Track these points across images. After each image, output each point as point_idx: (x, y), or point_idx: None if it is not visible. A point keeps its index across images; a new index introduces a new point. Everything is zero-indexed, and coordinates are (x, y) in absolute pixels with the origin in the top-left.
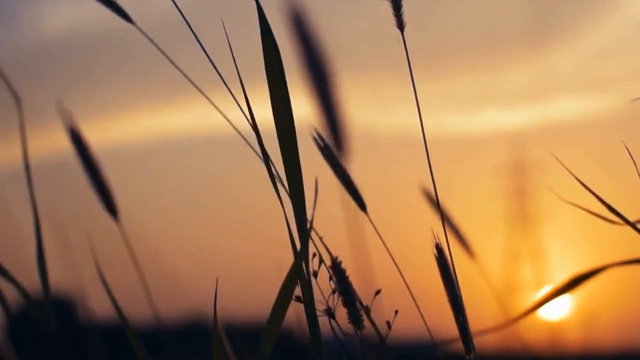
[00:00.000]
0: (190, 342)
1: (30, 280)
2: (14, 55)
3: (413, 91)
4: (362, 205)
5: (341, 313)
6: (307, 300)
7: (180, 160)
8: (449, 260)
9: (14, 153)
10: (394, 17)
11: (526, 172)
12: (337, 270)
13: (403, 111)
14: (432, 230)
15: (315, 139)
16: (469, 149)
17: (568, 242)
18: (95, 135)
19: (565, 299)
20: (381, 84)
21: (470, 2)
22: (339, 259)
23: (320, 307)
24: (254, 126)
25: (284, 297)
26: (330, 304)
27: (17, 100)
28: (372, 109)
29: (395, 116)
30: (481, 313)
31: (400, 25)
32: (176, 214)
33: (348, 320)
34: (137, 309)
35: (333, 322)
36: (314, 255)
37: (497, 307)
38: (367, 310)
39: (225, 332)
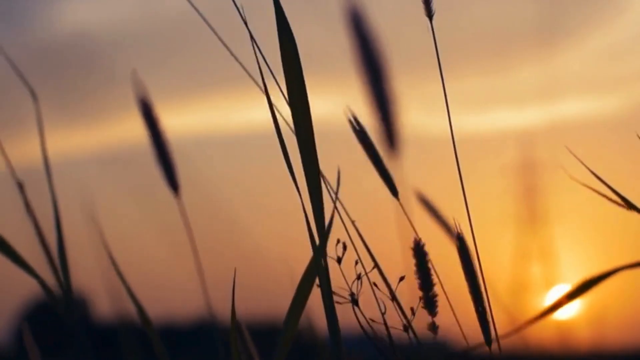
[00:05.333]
0: (204, 341)
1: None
2: (28, 53)
3: (442, 88)
4: (394, 192)
5: (365, 301)
6: (325, 289)
7: (190, 161)
8: (470, 250)
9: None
10: (423, 4)
11: (535, 171)
12: (420, 253)
13: (413, 110)
14: (454, 220)
15: (350, 122)
16: (478, 149)
17: (577, 241)
18: (105, 134)
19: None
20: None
21: (479, 3)
22: (422, 242)
23: (342, 295)
24: (276, 123)
25: (304, 287)
26: (354, 291)
27: (34, 96)
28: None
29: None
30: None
31: (429, 14)
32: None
33: (422, 305)
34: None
35: (357, 311)
36: (338, 241)
37: (506, 307)
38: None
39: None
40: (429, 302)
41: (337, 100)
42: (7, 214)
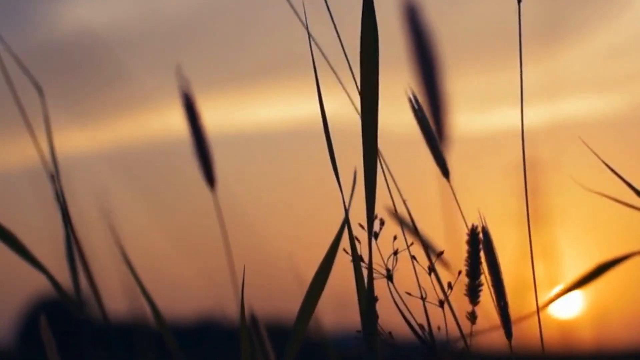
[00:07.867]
0: (208, 339)
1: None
2: (34, 52)
3: (520, 80)
4: (445, 172)
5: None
6: (357, 267)
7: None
8: (494, 244)
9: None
10: None
11: (537, 170)
12: (474, 240)
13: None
14: (479, 212)
15: (410, 100)
16: (480, 148)
17: (580, 241)
18: (108, 135)
19: (578, 297)
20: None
21: (480, 2)
22: (479, 228)
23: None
24: (323, 115)
25: (317, 284)
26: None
27: (40, 92)
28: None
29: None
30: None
31: None
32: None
33: (465, 293)
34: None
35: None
36: (376, 217)
37: (511, 305)
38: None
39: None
40: (473, 291)
41: (339, 99)
42: (14, 212)
